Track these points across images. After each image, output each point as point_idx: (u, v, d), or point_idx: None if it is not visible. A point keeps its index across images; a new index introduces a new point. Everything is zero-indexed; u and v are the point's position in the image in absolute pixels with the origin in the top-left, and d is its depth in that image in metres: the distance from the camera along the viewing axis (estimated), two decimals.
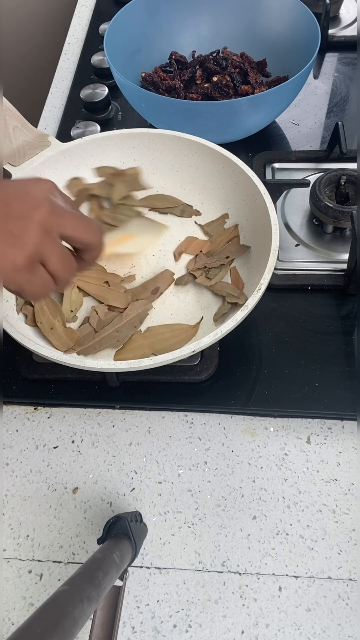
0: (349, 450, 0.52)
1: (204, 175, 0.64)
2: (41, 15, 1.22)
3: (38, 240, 0.37)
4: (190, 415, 0.55)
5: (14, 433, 0.56)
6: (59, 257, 0.39)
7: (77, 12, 1.02)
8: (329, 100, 0.82)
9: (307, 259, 0.64)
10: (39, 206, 0.37)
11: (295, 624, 0.45)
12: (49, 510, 0.51)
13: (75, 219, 0.40)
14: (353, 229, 0.57)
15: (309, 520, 0.49)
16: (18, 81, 1.30)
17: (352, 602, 0.46)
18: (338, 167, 0.66)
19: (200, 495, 0.51)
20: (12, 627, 0.46)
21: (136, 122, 0.79)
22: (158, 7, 0.79)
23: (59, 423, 0.56)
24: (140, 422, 0.55)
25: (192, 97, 0.75)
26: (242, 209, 0.61)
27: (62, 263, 0.39)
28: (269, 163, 0.72)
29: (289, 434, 0.54)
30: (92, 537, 0.50)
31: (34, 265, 0.38)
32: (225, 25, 0.81)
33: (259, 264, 0.55)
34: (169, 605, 0.46)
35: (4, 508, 0.52)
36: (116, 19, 0.74)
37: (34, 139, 0.62)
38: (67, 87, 0.88)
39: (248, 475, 0.52)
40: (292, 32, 0.75)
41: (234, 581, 0.47)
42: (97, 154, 0.64)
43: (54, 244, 0.38)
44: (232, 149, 0.61)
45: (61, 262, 0.39)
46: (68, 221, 0.39)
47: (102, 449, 0.54)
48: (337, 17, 0.92)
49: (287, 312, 0.60)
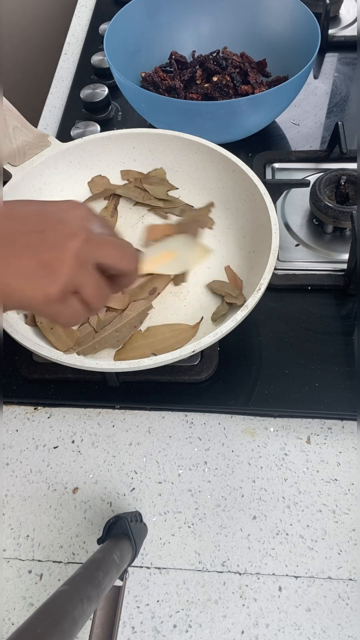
0: (349, 450, 0.52)
1: (204, 175, 0.64)
2: (41, 15, 1.22)
3: (72, 272, 0.36)
4: (190, 415, 0.55)
5: (14, 433, 0.56)
6: (93, 287, 0.37)
7: (77, 12, 1.02)
8: (329, 100, 0.82)
9: (307, 259, 0.64)
10: (74, 236, 0.36)
11: (295, 624, 0.45)
12: (49, 510, 0.51)
13: (112, 247, 0.38)
14: (353, 229, 0.57)
15: (309, 520, 0.49)
16: (18, 81, 1.30)
17: (352, 602, 0.46)
18: (338, 167, 0.66)
19: (200, 495, 0.51)
20: (12, 627, 0.46)
21: (136, 122, 0.79)
22: (158, 7, 0.79)
23: (59, 423, 0.56)
24: (140, 422, 0.55)
25: (192, 97, 0.75)
26: (242, 209, 0.61)
27: (96, 293, 0.38)
28: (269, 163, 0.72)
29: (289, 434, 0.54)
30: (92, 537, 0.50)
31: (67, 297, 0.36)
32: (225, 25, 0.81)
33: (259, 264, 0.55)
34: (169, 605, 0.46)
35: (4, 508, 0.52)
36: (116, 19, 0.74)
37: (34, 139, 0.62)
38: (67, 87, 0.88)
39: (248, 475, 0.52)
40: (292, 32, 0.75)
41: (234, 581, 0.47)
42: (97, 154, 0.64)
43: (88, 274, 0.37)
44: (232, 149, 0.61)
45: (94, 292, 0.38)
46: (104, 250, 0.38)
47: (102, 449, 0.54)
48: (337, 17, 0.92)
49: (287, 312, 0.60)
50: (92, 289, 0.37)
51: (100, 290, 0.38)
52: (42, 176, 0.62)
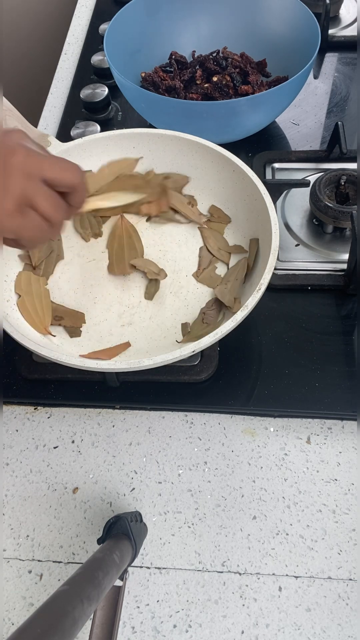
0: (349, 450, 0.52)
1: (204, 175, 0.64)
2: (41, 15, 1.22)
3: (21, 184, 0.38)
4: (190, 415, 0.55)
5: (14, 433, 0.56)
6: (47, 199, 0.39)
7: (77, 12, 1.02)
8: (329, 100, 0.82)
9: (307, 259, 0.64)
10: (14, 152, 0.38)
11: (295, 624, 0.45)
12: (49, 510, 0.51)
13: (53, 161, 0.40)
14: (353, 229, 0.57)
15: (309, 520, 0.49)
16: (18, 81, 1.30)
17: (352, 602, 0.46)
18: (338, 167, 0.66)
19: (200, 495, 0.51)
20: (12, 627, 0.46)
21: (136, 122, 0.79)
22: (158, 7, 0.79)
23: (59, 423, 0.56)
24: (140, 422, 0.55)
25: (192, 97, 0.75)
26: (242, 209, 0.61)
27: (51, 204, 0.39)
28: (269, 163, 0.72)
29: (289, 434, 0.54)
30: (92, 537, 0.50)
31: (24, 209, 0.38)
32: (225, 25, 0.81)
33: (259, 264, 0.55)
34: (169, 605, 0.46)
35: (4, 508, 0.52)
36: (116, 19, 0.74)
37: (34, 139, 0.61)
38: (67, 87, 0.88)
39: (248, 475, 0.52)
40: (292, 32, 0.75)
41: (234, 581, 0.47)
42: (97, 154, 0.64)
43: (38, 186, 0.39)
44: (232, 149, 0.61)
45: (50, 203, 0.39)
46: (46, 164, 0.39)
47: (102, 449, 0.54)
48: (337, 17, 0.92)
49: (287, 312, 0.60)
50: (46, 200, 0.39)
51: (55, 202, 0.40)
52: None
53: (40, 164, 0.39)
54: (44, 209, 0.39)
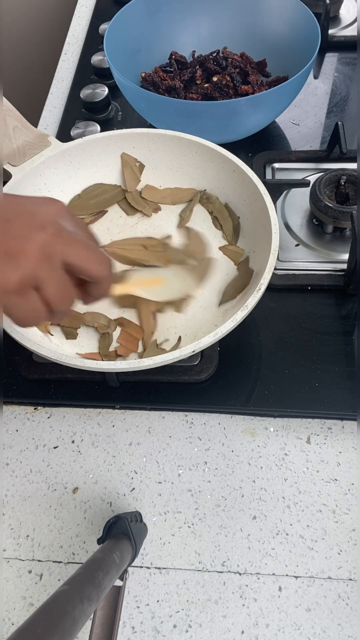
0: (349, 450, 0.52)
1: (204, 175, 0.63)
2: (41, 15, 1.22)
3: (35, 264, 0.34)
4: (190, 415, 0.55)
5: (14, 433, 0.56)
6: (56, 286, 0.36)
7: (77, 12, 1.02)
8: (329, 100, 0.82)
9: (307, 259, 0.64)
10: (42, 228, 0.35)
11: (295, 624, 0.45)
12: (49, 510, 0.51)
13: (83, 247, 0.37)
14: (353, 229, 0.57)
15: (309, 520, 0.49)
16: (18, 81, 1.30)
17: (352, 602, 0.46)
18: (338, 167, 0.66)
19: (200, 495, 0.51)
20: (12, 627, 0.46)
21: (136, 122, 0.79)
22: (158, 7, 0.79)
23: (59, 423, 0.56)
24: (140, 422, 0.55)
25: (192, 97, 0.75)
26: (242, 209, 0.61)
27: (59, 292, 0.36)
28: (269, 163, 0.72)
29: (289, 434, 0.54)
30: (92, 537, 0.50)
31: (26, 290, 0.35)
32: (225, 25, 0.81)
33: (259, 264, 0.55)
34: (169, 605, 0.46)
35: (4, 508, 0.52)
36: (116, 19, 0.74)
37: (34, 139, 0.62)
38: (67, 87, 0.88)
39: (248, 475, 0.52)
40: (292, 32, 0.75)
41: (234, 581, 0.47)
42: (97, 154, 0.64)
43: (52, 270, 0.35)
44: (232, 149, 0.61)
45: (58, 291, 0.36)
46: (73, 249, 0.36)
47: (102, 449, 0.54)
48: (337, 17, 0.92)
49: (287, 312, 0.60)
50: (55, 287, 0.35)
51: (65, 291, 0.37)
52: (42, 176, 0.62)
53: (65, 248, 0.35)
54: (49, 295, 0.35)
